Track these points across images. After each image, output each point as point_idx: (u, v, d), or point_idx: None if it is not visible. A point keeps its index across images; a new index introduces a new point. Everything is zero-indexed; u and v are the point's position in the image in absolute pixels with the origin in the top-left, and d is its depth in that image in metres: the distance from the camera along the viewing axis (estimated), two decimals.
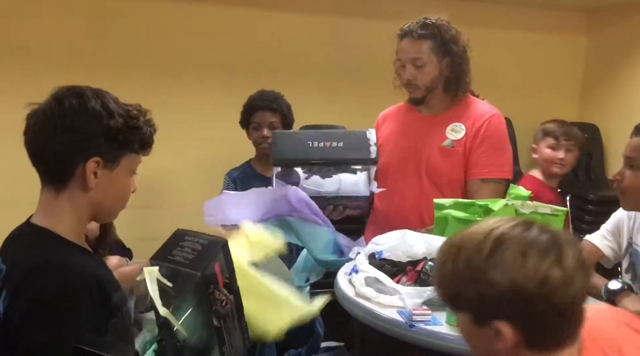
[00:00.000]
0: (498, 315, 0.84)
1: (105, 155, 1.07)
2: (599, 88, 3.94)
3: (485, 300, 0.85)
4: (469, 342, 0.94)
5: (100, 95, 1.08)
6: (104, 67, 3.09)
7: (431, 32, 1.90)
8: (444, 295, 0.93)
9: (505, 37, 3.79)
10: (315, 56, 3.49)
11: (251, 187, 2.44)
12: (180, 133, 3.24)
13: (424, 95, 1.97)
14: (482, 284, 0.84)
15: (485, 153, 1.92)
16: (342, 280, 1.59)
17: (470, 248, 0.87)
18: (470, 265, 0.86)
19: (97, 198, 1.09)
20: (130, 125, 1.09)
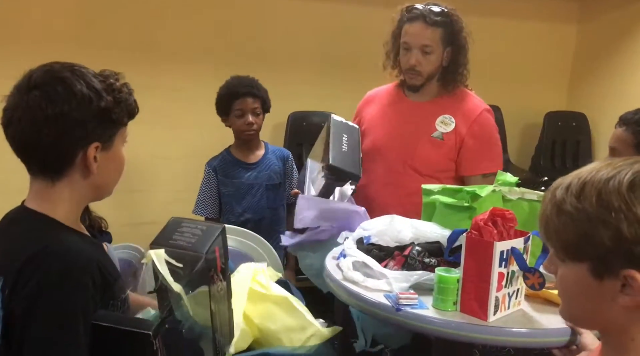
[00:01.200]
0: (632, 262, 0.71)
1: (102, 137, 1.05)
2: (587, 77, 3.96)
3: (618, 243, 0.71)
4: (576, 300, 0.80)
5: (80, 75, 1.03)
6: (93, 51, 3.04)
7: (444, 20, 1.90)
8: (560, 243, 0.78)
9: (495, 25, 3.79)
10: (305, 42, 3.47)
11: (233, 174, 2.45)
12: (170, 118, 3.22)
13: (424, 83, 1.97)
14: (621, 223, 0.70)
15: (481, 149, 1.96)
16: (330, 264, 1.60)
17: (600, 181, 0.73)
18: (602, 200, 0.72)
19: (99, 181, 1.08)
20: (117, 99, 1.06)
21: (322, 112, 3.46)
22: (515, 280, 1.31)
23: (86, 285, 0.98)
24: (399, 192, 1.92)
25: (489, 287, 1.26)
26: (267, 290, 1.55)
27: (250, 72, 2.50)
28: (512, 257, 1.28)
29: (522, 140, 4.05)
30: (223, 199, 2.47)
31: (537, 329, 1.27)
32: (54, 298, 0.95)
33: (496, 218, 1.30)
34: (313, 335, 1.50)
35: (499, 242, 1.25)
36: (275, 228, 2.49)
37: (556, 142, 3.84)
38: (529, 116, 3.98)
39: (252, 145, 2.49)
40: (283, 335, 1.47)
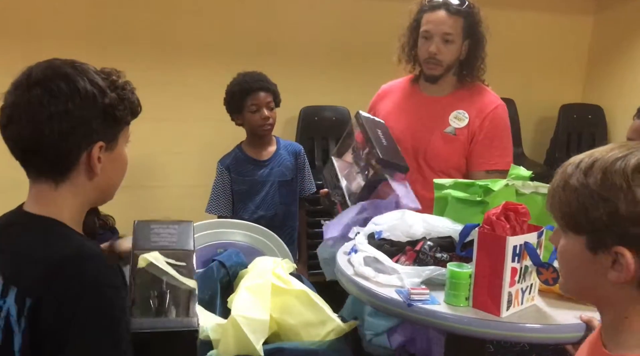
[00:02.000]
0: (624, 239, 0.74)
1: (107, 136, 1.00)
2: (603, 69, 3.90)
3: (614, 220, 0.74)
4: (573, 272, 0.84)
5: (83, 71, 0.99)
6: (103, 47, 3.06)
7: (467, 10, 1.90)
8: (560, 213, 0.82)
9: (510, 17, 3.74)
10: (316, 36, 3.45)
11: (246, 171, 2.45)
12: (181, 113, 3.24)
13: (442, 73, 1.95)
14: (620, 201, 0.73)
15: (490, 144, 1.94)
16: (341, 259, 1.59)
17: (609, 161, 0.76)
18: (607, 178, 0.75)
19: (103, 182, 1.03)
20: (121, 96, 1.02)
21: (334, 106, 3.46)
22: (529, 275, 1.30)
23: (120, 287, 0.95)
24: (414, 186, 1.91)
25: (501, 282, 1.24)
26: (287, 284, 1.56)
27: (262, 67, 2.49)
28: (525, 251, 1.27)
29: (536, 133, 4.00)
30: (236, 197, 2.47)
31: (551, 325, 1.25)
32: (95, 303, 0.90)
33: (509, 212, 1.29)
34: (333, 330, 1.51)
35: (512, 237, 1.23)
36: (288, 223, 2.49)
37: (571, 135, 3.79)
38: (544, 109, 3.93)
39: (265, 141, 2.48)
40: (302, 329, 1.48)
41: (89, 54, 1.50)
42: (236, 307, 1.50)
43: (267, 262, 1.69)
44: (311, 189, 2.61)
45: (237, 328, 1.44)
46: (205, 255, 1.89)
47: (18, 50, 2.78)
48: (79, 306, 0.89)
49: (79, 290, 0.89)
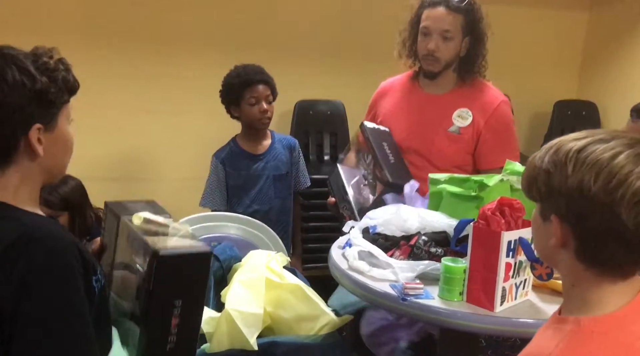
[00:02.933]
0: (556, 209, 0.84)
1: (44, 119, 1.02)
2: (598, 65, 3.91)
3: (550, 192, 0.84)
4: (534, 235, 0.94)
5: (11, 59, 1.01)
6: (98, 40, 3.04)
7: (466, 7, 1.89)
8: (522, 183, 0.92)
9: (505, 13, 3.72)
10: (312, 29, 3.44)
11: (241, 165, 2.44)
12: (176, 106, 3.22)
13: (441, 70, 1.94)
14: (556, 175, 0.83)
15: (499, 142, 1.95)
16: (336, 253, 1.59)
17: (566, 141, 0.85)
18: (556, 155, 0.84)
19: (48, 162, 1.05)
20: (53, 78, 1.03)
21: (329, 100, 3.44)
22: (523, 270, 1.30)
23: (73, 265, 0.97)
24: (420, 186, 1.90)
25: (495, 277, 1.25)
26: (281, 278, 1.56)
27: (257, 60, 2.48)
28: (520, 247, 1.27)
29: (531, 129, 4.01)
30: (230, 191, 2.45)
31: (544, 320, 1.24)
32: (45, 283, 0.93)
33: (504, 207, 1.29)
34: (327, 324, 1.51)
35: (507, 232, 1.24)
36: (282, 217, 2.48)
37: (565, 131, 3.71)
38: (539, 105, 3.93)
39: (260, 135, 2.47)
40: (295, 324, 1.48)
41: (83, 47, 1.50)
42: (230, 301, 1.50)
43: (261, 255, 1.69)
44: (306, 183, 2.60)
45: (231, 322, 1.44)
46: None
47: (11, 44, 2.75)
48: (29, 288, 0.91)
49: (28, 272, 0.92)
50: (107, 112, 3.00)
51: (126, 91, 3.05)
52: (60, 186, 2.01)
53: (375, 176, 1.84)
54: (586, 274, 0.84)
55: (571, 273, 0.86)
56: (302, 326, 1.47)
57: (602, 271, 0.83)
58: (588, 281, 0.84)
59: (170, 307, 1.06)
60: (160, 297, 1.05)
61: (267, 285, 1.53)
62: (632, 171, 0.78)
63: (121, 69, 3.10)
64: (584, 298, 0.85)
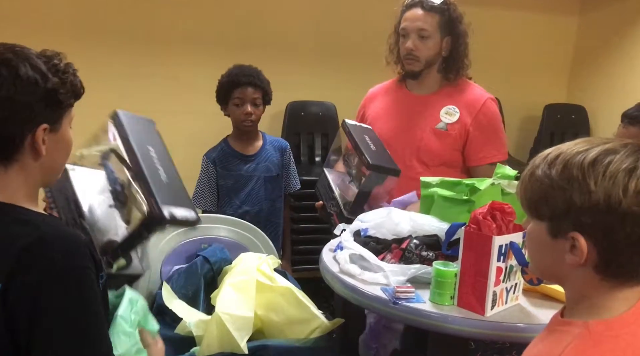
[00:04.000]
0: (579, 226, 0.80)
1: (50, 119, 1.03)
2: (587, 70, 3.94)
3: (571, 208, 0.80)
4: (537, 254, 0.91)
5: (24, 56, 1.01)
6: (89, 40, 3.02)
7: (441, 7, 1.92)
8: (525, 201, 0.89)
9: (495, 16, 3.76)
10: (304, 31, 3.44)
11: (232, 166, 2.43)
12: (168, 106, 3.20)
13: (422, 69, 1.97)
14: (575, 191, 0.80)
15: (488, 139, 1.97)
16: (327, 256, 1.59)
17: (571, 154, 0.82)
18: (566, 170, 0.81)
19: (48, 163, 1.06)
20: (63, 80, 1.05)
21: (320, 101, 3.44)
22: (513, 274, 1.31)
23: (88, 266, 0.98)
24: (410, 184, 1.90)
25: (486, 282, 1.25)
26: (272, 281, 1.55)
27: (249, 61, 2.47)
28: (511, 251, 1.27)
29: (520, 132, 4.03)
30: (221, 191, 2.45)
31: (535, 324, 1.26)
32: (64, 285, 0.94)
33: (495, 212, 1.29)
34: (317, 327, 1.50)
35: (498, 236, 1.24)
36: (272, 219, 2.48)
37: (555, 135, 3.82)
38: (528, 108, 3.96)
39: (251, 136, 2.46)
40: (286, 327, 1.47)
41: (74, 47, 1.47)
42: (220, 304, 1.49)
43: (251, 258, 1.68)
44: (296, 185, 2.60)
45: (221, 325, 1.43)
46: (189, 250, 1.87)
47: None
48: (48, 290, 0.93)
49: (46, 274, 0.93)
50: (99, 112, 2.97)
51: (118, 91, 3.03)
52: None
53: (359, 169, 1.83)
54: (601, 284, 0.83)
55: (583, 287, 0.85)
56: (293, 330, 1.47)
57: (620, 281, 0.83)
58: (600, 290, 0.83)
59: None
60: None
61: (258, 287, 1.52)
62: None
63: (113, 69, 3.08)
64: (592, 304, 0.84)
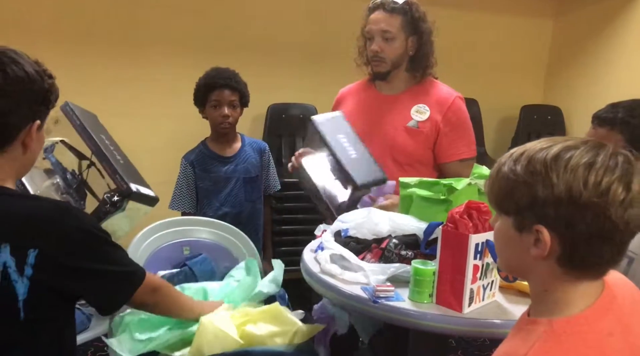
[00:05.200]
0: (543, 219, 0.83)
1: (42, 117, 1.13)
2: (563, 71, 4.02)
3: (534, 202, 0.83)
4: (503, 250, 0.93)
5: (26, 58, 1.10)
6: (70, 43, 3.00)
7: (403, 7, 1.95)
8: (493, 197, 0.91)
9: (473, 19, 3.82)
10: (285, 33, 3.45)
11: (211, 168, 2.43)
12: (148, 109, 3.19)
13: (389, 70, 2.00)
14: (538, 184, 0.82)
15: (457, 136, 2.01)
16: (308, 256, 1.60)
17: (534, 151, 0.85)
18: (530, 165, 0.84)
19: (30, 158, 1.16)
20: (52, 83, 1.14)
21: (301, 104, 3.46)
22: (490, 272, 1.33)
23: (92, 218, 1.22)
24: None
25: (464, 279, 1.27)
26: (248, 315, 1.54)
27: (229, 63, 2.48)
28: (487, 249, 1.30)
29: (498, 133, 4.10)
30: (200, 193, 2.45)
31: (511, 320, 1.28)
32: (100, 237, 1.15)
33: (471, 211, 1.32)
34: (297, 332, 1.51)
35: (474, 235, 1.26)
36: (253, 220, 2.49)
37: (531, 135, 3.88)
38: (506, 109, 4.02)
39: (229, 138, 2.47)
40: (269, 339, 1.48)
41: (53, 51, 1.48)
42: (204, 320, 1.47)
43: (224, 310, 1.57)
44: (276, 187, 2.61)
45: (211, 327, 1.42)
46: (171, 254, 1.87)
47: None
48: (88, 245, 1.12)
49: (79, 234, 1.10)
50: None
51: (97, 94, 3.01)
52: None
53: (341, 177, 1.83)
54: (564, 278, 0.85)
55: (547, 280, 0.87)
56: (275, 341, 1.47)
57: (582, 274, 0.85)
58: (563, 284, 0.86)
59: None
60: None
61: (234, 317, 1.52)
62: (614, 171, 0.80)
63: (92, 72, 3.06)
64: (556, 300, 0.86)
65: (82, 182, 1.38)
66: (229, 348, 1.39)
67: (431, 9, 2.03)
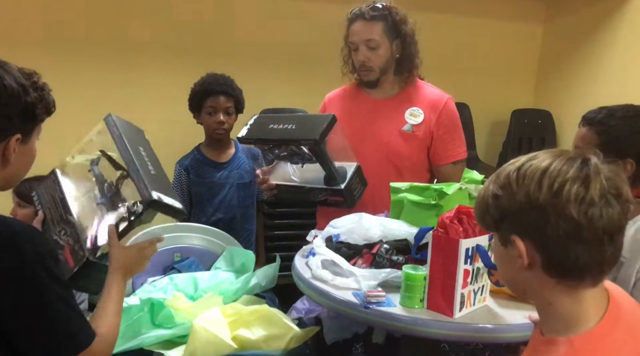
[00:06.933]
0: (515, 229, 0.85)
1: (23, 130, 1.10)
2: (553, 75, 4.05)
3: (504, 214, 0.86)
4: (499, 266, 0.94)
5: (9, 70, 1.07)
6: (60, 48, 2.99)
7: (382, 14, 1.94)
8: (477, 217, 0.94)
9: (463, 24, 3.84)
10: (275, 38, 3.45)
11: (205, 173, 2.43)
12: (139, 114, 3.16)
13: (378, 77, 2.00)
14: (503, 197, 0.86)
15: (451, 138, 2.02)
16: (299, 262, 1.60)
17: (505, 167, 0.89)
18: (499, 180, 0.88)
19: (13, 172, 1.12)
20: (41, 97, 1.11)
21: (293, 108, 3.45)
22: (481, 276, 1.34)
23: (50, 252, 1.05)
24: (384, 188, 1.89)
25: (454, 284, 1.28)
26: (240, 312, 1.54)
27: (221, 68, 2.47)
28: (477, 254, 1.31)
29: (489, 137, 4.12)
30: (194, 199, 2.44)
31: (502, 324, 1.30)
32: (37, 271, 1.01)
33: (462, 215, 1.32)
34: (293, 337, 1.50)
35: (465, 240, 1.27)
36: (246, 226, 2.48)
37: (522, 139, 3.91)
38: (497, 113, 4.05)
39: (223, 144, 2.47)
40: (263, 343, 1.47)
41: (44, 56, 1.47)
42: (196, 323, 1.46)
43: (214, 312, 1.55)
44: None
45: (204, 332, 1.42)
46: (162, 260, 1.86)
47: None
48: (23, 278, 1.00)
49: (17, 262, 1.00)
50: (68, 120, 2.94)
51: (88, 99, 3.00)
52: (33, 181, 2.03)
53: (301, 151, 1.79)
54: (559, 288, 0.85)
55: (545, 292, 0.87)
56: (270, 345, 1.47)
57: (574, 282, 0.85)
58: (563, 296, 0.85)
59: None
60: None
61: (226, 315, 1.52)
62: (568, 172, 0.82)
63: (86, 77, 3.05)
64: (563, 315, 0.86)
65: (115, 192, 1.34)
66: (222, 352, 1.39)
67: (421, 14, 2.04)
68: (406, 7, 2.00)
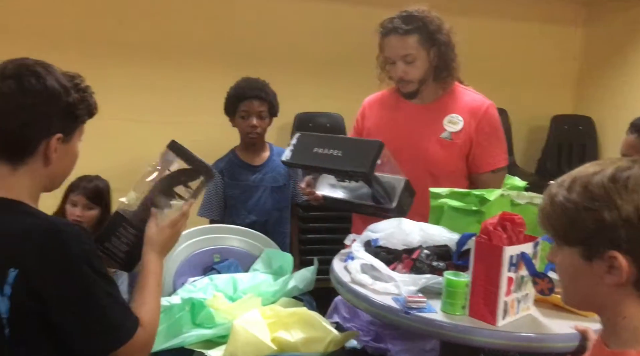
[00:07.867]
0: (614, 244, 0.80)
1: (65, 130, 1.12)
2: (594, 80, 3.95)
3: (602, 227, 0.81)
4: (571, 283, 0.89)
5: (52, 71, 1.11)
6: (99, 49, 3.06)
7: (416, 25, 1.89)
8: (553, 230, 0.88)
9: (501, 27, 3.79)
10: (310, 42, 3.47)
11: (240, 176, 2.45)
12: (176, 118, 3.23)
13: (418, 88, 1.97)
14: (602, 209, 0.80)
15: (491, 145, 1.97)
16: (338, 266, 1.60)
17: (587, 176, 0.83)
18: (587, 191, 0.82)
19: (55, 171, 1.14)
20: (82, 98, 1.14)
21: (328, 112, 3.47)
22: (525, 285, 1.32)
23: (93, 249, 1.10)
24: (423, 195, 1.83)
25: (498, 291, 1.26)
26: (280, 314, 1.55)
27: (256, 73, 2.50)
28: (522, 261, 1.28)
29: (528, 143, 4.04)
30: (229, 201, 2.47)
31: (546, 334, 1.27)
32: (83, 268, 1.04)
33: (505, 222, 1.30)
34: (332, 341, 1.51)
35: (509, 247, 1.25)
36: (280, 229, 2.49)
37: (562, 146, 3.83)
38: (536, 119, 3.97)
39: (258, 147, 2.50)
40: (302, 346, 1.48)
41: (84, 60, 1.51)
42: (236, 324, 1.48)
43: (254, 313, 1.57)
44: (303, 196, 2.61)
45: (244, 333, 1.43)
46: (202, 261, 1.89)
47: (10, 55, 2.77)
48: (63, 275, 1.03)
49: (64, 259, 1.03)
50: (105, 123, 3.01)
51: (125, 101, 3.06)
52: (94, 181, 2.18)
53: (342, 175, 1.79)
54: (639, 302, 0.82)
55: (625, 308, 0.84)
56: (309, 348, 1.47)
57: None
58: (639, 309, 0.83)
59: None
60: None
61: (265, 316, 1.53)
62: None
63: (119, 79, 3.11)
64: (638, 328, 0.83)
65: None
66: (262, 354, 1.40)
67: (458, 18, 2.00)
68: (445, 13, 1.97)
